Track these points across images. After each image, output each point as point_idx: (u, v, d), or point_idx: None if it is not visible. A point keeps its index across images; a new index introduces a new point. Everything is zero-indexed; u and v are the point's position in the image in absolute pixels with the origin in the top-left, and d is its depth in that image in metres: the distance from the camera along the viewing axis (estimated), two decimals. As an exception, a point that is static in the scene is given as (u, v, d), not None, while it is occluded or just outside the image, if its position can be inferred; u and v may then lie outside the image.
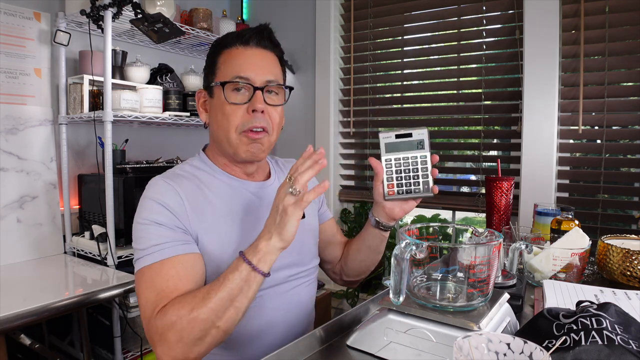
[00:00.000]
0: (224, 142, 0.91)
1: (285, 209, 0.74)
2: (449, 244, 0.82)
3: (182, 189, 0.87)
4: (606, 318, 0.62)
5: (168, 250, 0.81)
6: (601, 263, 1.10)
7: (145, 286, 0.80)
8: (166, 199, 0.85)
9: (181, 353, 0.73)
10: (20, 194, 1.76)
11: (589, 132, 1.74)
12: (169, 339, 0.73)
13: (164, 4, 1.92)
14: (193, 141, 2.43)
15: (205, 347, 0.75)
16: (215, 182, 0.93)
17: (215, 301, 0.73)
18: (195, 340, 0.73)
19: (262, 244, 0.75)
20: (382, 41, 2.22)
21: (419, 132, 0.85)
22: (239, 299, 0.75)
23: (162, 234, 0.82)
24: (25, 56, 1.80)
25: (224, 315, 0.74)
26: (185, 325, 0.73)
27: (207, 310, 0.73)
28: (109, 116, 1.67)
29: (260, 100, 0.88)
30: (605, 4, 1.66)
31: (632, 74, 1.65)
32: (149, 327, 0.77)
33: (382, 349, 0.72)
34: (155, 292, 0.78)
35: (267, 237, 0.75)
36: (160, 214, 0.83)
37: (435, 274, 0.77)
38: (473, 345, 0.51)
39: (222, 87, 0.88)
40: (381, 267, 2.25)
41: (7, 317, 1.21)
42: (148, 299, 0.78)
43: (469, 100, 2.01)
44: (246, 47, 0.91)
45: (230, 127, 0.88)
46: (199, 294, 0.76)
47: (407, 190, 0.86)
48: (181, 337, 0.73)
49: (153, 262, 0.80)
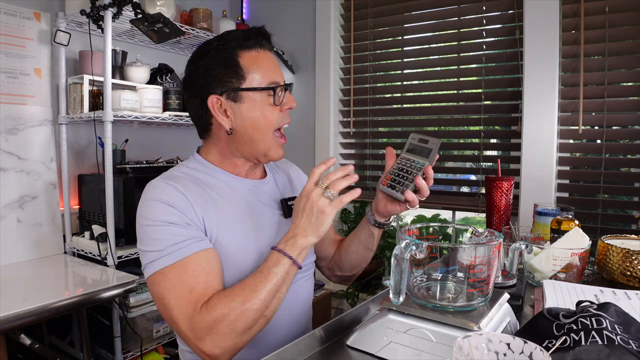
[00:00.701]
0: (257, 144, 0.94)
1: (322, 210, 0.82)
2: (449, 244, 0.82)
3: (184, 189, 0.88)
4: (606, 318, 0.62)
5: (188, 247, 0.83)
6: (601, 263, 1.10)
7: (172, 285, 0.81)
8: (172, 199, 0.86)
9: (232, 343, 0.78)
10: (21, 194, 1.76)
11: (589, 132, 1.74)
12: (221, 330, 0.77)
13: (164, 4, 1.92)
14: (193, 141, 2.42)
15: (252, 336, 0.81)
16: (214, 181, 0.95)
17: (265, 292, 0.80)
18: (246, 330, 0.79)
19: (300, 240, 0.83)
20: (382, 41, 2.22)
21: (432, 142, 0.89)
22: (282, 289, 0.82)
23: (177, 232, 0.84)
24: (26, 56, 1.80)
25: (270, 304, 0.81)
26: (238, 316, 0.78)
27: (259, 301, 0.79)
28: (109, 116, 1.67)
29: (293, 99, 0.97)
30: (605, 4, 1.66)
31: (632, 74, 1.66)
32: (193, 322, 0.78)
33: (382, 349, 0.72)
34: (187, 290, 0.80)
35: (304, 235, 0.83)
36: (171, 214, 0.84)
37: (435, 274, 0.77)
38: (473, 345, 0.51)
39: (274, 90, 0.92)
40: (381, 267, 2.25)
41: (7, 317, 1.21)
42: (181, 298, 0.80)
43: (469, 100, 2.01)
44: (264, 50, 0.95)
45: (269, 127, 0.94)
46: (245, 287, 0.80)
47: (391, 186, 0.89)
48: (234, 327, 0.77)
49: (175, 261, 0.82)
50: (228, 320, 0.77)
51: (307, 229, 0.83)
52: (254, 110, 0.92)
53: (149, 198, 0.87)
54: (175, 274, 0.81)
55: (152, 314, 1.79)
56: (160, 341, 1.82)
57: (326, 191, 0.82)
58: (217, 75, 0.91)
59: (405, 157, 0.91)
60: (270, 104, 0.92)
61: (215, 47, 0.92)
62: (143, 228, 0.85)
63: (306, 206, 0.83)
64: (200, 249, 0.84)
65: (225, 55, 0.91)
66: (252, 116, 0.92)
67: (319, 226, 0.82)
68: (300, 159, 2.43)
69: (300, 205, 0.84)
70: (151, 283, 0.84)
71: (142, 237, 0.86)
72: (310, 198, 0.82)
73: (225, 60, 0.91)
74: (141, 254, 0.86)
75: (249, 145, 0.94)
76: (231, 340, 0.78)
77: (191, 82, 0.95)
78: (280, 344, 0.92)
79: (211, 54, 0.92)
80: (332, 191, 0.82)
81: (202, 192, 0.90)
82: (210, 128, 0.96)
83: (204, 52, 0.93)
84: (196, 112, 0.96)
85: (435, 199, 2.12)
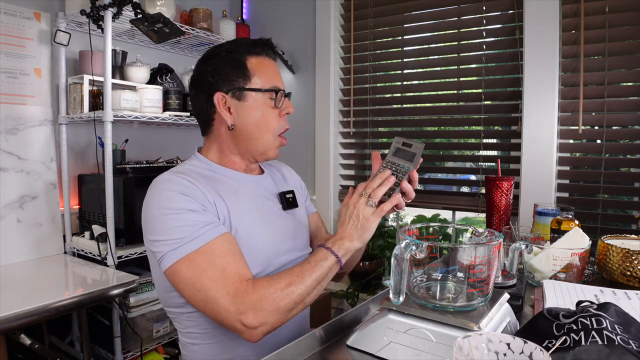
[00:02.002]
0: (256, 142, 1.00)
1: (367, 218, 0.88)
2: (449, 244, 0.82)
3: (195, 180, 0.92)
4: (606, 318, 0.62)
5: (211, 232, 0.87)
6: (601, 263, 1.10)
7: (202, 269, 0.84)
8: (186, 189, 0.90)
9: (273, 320, 0.83)
10: (21, 194, 1.76)
11: (589, 132, 1.74)
12: (265, 307, 0.82)
13: (164, 4, 1.92)
14: (193, 141, 2.43)
15: (290, 317, 0.86)
16: (218, 176, 1.00)
17: (309, 280, 0.85)
18: (288, 310, 0.84)
19: (347, 244, 0.88)
20: (382, 41, 2.22)
21: (415, 146, 0.89)
22: (323, 282, 0.88)
23: (198, 219, 0.87)
24: (25, 56, 1.80)
25: (311, 293, 0.86)
26: (283, 297, 0.83)
27: (303, 287, 0.85)
28: (109, 116, 1.67)
29: (291, 105, 1.04)
30: (605, 4, 1.66)
31: (632, 74, 1.65)
32: (235, 299, 0.82)
33: (382, 349, 0.72)
34: (220, 270, 0.84)
35: (350, 239, 0.88)
36: (188, 202, 0.88)
37: (435, 274, 0.78)
38: (473, 345, 0.51)
39: (275, 94, 0.99)
40: (381, 267, 2.25)
41: (7, 317, 1.21)
42: (215, 278, 0.84)
43: (469, 100, 2.01)
44: (266, 58, 1.02)
45: (270, 129, 1.00)
46: (293, 272, 0.86)
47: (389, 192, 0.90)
48: (278, 306, 0.82)
49: (200, 246, 0.85)
50: (273, 298, 0.82)
51: (354, 234, 0.88)
52: (256, 110, 0.99)
53: (162, 189, 0.90)
54: (203, 258, 0.85)
55: (152, 314, 1.79)
56: (160, 341, 1.82)
57: (369, 200, 0.87)
58: (225, 74, 0.97)
59: (391, 160, 0.91)
60: (271, 106, 0.99)
61: (226, 49, 0.99)
62: (160, 218, 0.87)
63: (353, 214, 0.89)
64: (221, 233, 0.88)
65: (234, 57, 0.98)
66: (253, 115, 0.99)
67: (364, 232, 0.88)
68: (300, 159, 2.43)
69: (348, 213, 0.90)
70: (176, 270, 0.85)
71: (158, 227, 0.87)
72: (356, 207, 0.88)
73: (234, 61, 0.98)
74: (157, 244, 0.87)
75: (247, 142, 1.00)
76: (273, 317, 0.83)
77: (199, 80, 1.01)
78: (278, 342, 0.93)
79: (221, 55, 0.99)
80: (374, 199, 0.88)
81: (211, 184, 0.94)
82: (212, 124, 1.01)
83: (214, 53, 1.00)
84: (201, 107, 1.01)
85: (435, 199, 2.12)
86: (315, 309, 1.13)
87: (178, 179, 0.91)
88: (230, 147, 1.02)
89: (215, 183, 0.96)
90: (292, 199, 1.09)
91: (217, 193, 0.94)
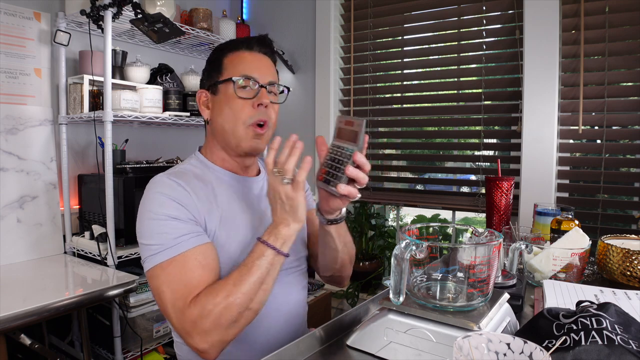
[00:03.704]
0: (229, 135, 0.98)
1: (288, 196, 0.82)
2: (449, 244, 0.82)
3: (188, 184, 0.92)
4: (606, 318, 0.62)
5: (188, 242, 0.86)
6: (601, 263, 1.10)
7: (170, 279, 0.84)
8: (176, 193, 0.89)
9: (218, 337, 0.80)
10: (21, 194, 1.76)
11: (589, 132, 1.74)
12: (205, 326, 0.79)
13: (164, 4, 1.92)
14: (193, 141, 2.43)
15: (239, 329, 0.82)
16: (214, 179, 1.00)
17: (247, 286, 0.81)
18: (231, 323, 0.80)
19: (283, 230, 0.84)
20: (382, 41, 2.22)
21: (357, 124, 0.78)
22: (267, 281, 0.83)
23: (178, 227, 0.87)
24: (26, 56, 1.80)
25: (255, 297, 0.82)
26: (222, 312, 0.79)
27: (241, 295, 0.80)
28: (109, 116, 1.67)
29: (266, 96, 0.98)
30: (605, 4, 1.66)
31: (632, 74, 1.66)
32: (182, 317, 0.81)
33: (382, 349, 0.72)
34: (182, 284, 0.83)
35: (285, 223, 0.84)
36: (174, 208, 0.88)
37: (435, 274, 0.77)
38: (473, 345, 0.51)
39: (233, 84, 0.96)
40: (381, 267, 2.25)
41: (7, 317, 1.21)
42: (176, 291, 0.82)
43: (469, 100, 2.02)
44: (251, 52, 1.01)
45: (238, 120, 0.96)
46: (229, 280, 0.82)
47: (327, 181, 0.81)
48: (219, 322, 0.79)
49: (175, 255, 0.84)
50: (213, 315, 0.79)
51: (286, 217, 0.84)
52: (226, 102, 0.98)
53: (153, 191, 0.90)
54: (174, 268, 0.84)
55: (152, 314, 1.79)
56: (160, 341, 1.82)
57: (283, 178, 0.82)
58: (207, 72, 1.03)
59: (335, 144, 0.82)
60: (241, 96, 0.96)
61: (215, 48, 1.04)
62: (146, 222, 0.88)
63: (275, 197, 0.84)
64: (198, 244, 0.87)
65: (215, 55, 1.02)
66: (224, 107, 0.98)
67: (295, 211, 0.83)
68: (300, 159, 2.43)
69: (271, 198, 0.86)
70: (151, 276, 0.86)
71: (144, 231, 0.87)
72: (274, 188, 0.84)
73: (215, 59, 1.02)
74: (142, 247, 0.88)
75: (222, 135, 0.99)
76: (217, 335, 0.79)
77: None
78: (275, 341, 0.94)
79: (210, 55, 1.04)
80: (287, 175, 0.82)
81: (203, 187, 0.94)
82: (204, 122, 1.07)
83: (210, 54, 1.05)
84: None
85: (435, 199, 2.12)
86: (315, 309, 1.13)
87: (170, 181, 0.91)
88: (214, 143, 1.02)
89: (208, 185, 0.96)
90: None
91: (208, 198, 0.93)
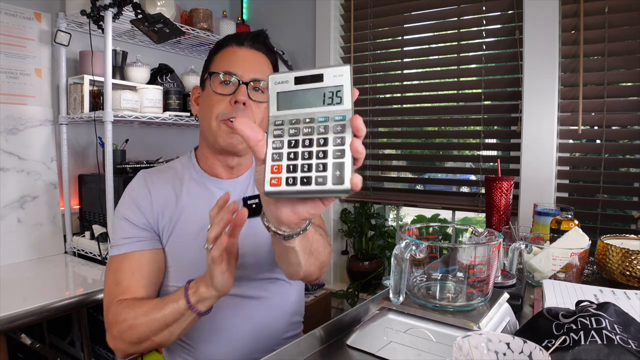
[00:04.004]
0: (206, 130, 0.96)
1: (207, 263, 0.73)
2: (448, 244, 0.82)
3: (154, 183, 0.95)
4: (605, 318, 0.62)
5: (129, 245, 0.91)
6: (600, 263, 1.10)
7: (109, 274, 0.91)
8: (137, 194, 0.94)
9: (122, 346, 0.84)
10: (21, 194, 1.76)
11: (589, 132, 1.74)
12: (114, 332, 0.84)
13: (164, 4, 1.93)
14: (193, 141, 2.43)
15: (141, 349, 0.84)
16: (188, 179, 0.99)
17: (151, 320, 0.80)
18: (132, 343, 0.82)
19: (202, 289, 0.77)
20: (382, 41, 2.22)
21: (336, 72, 0.50)
22: (174, 325, 0.80)
23: (127, 229, 0.92)
24: (26, 56, 1.80)
25: (158, 333, 0.81)
26: (127, 329, 0.82)
27: (144, 325, 0.81)
28: (109, 116, 1.67)
29: (244, 93, 0.92)
30: (604, 5, 1.66)
31: (631, 74, 1.66)
32: (107, 312, 0.87)
33: (382, 349, 0.72)
34: (115, 283, 0.88)
35: (207, 284, 0.75)
36: (130, 210, 0.93)
37: (435, 274, 0.78)
38: (473, 344, 0.52)
39: (210, 78, 0.94)
40: (381, 267, 2.25)
41: (7, 316, 1.22)
42: (109, 288, 0.89)
43: (468, 100, 2.02)
44: (240, 47, 0.97)
45: (212, 115, 0.93)
46: (146, 305, 0.83)
47: (304, 180, 0.47)
48: (123, 336, 0.83)
49: (117, 254, 0.91)
50: (121, 327, 0.82)
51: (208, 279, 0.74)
52: (205, 97, 0.97)
53: (127, 188, 0.96)
54: (114, 265, 0.90)
55: (152, 314, 1.79)
56: (161, 341, 1.82)
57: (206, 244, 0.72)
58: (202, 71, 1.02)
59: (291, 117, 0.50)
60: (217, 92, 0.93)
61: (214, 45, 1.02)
62: (114, 218, 0.96)
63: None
64: (138, 249, 0.91)
65: (211, 51, 1.01)
66: (203, 102, 0.98)
67: (212, 278, 0.73)
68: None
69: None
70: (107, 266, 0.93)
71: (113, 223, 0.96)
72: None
73: (209, 54, 1.01)
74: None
75: (203, 132, 0.98)
76: (121, 344, 0.83)
77: None
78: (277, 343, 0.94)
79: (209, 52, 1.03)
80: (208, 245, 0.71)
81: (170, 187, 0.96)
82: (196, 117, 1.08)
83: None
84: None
85: (435, 199, 2.12)
86: (315, 308, 1.12)
87: (141, 180, 0.96)
88: (202, 141, 1.01)
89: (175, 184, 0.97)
90: (257, 206, 0.95)
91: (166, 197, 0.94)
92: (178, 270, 0.94)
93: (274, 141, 0.50)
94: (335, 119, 0.49)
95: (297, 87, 0.51)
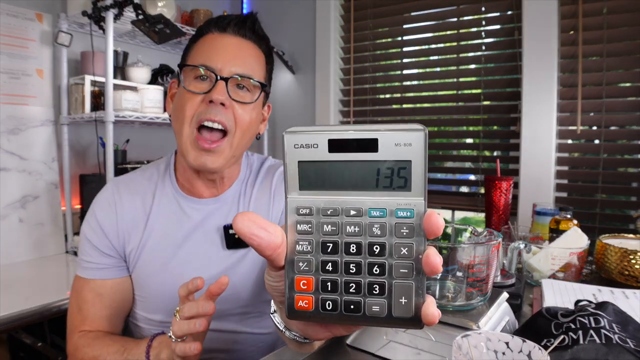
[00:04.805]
0: (177, 137, 0.80)
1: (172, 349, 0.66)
2: (448, 243, 0.83)
3: (122, 205, 0.83)
4: (604, 317, 0.63)
5: (91, 272, 0.83)
6: (599, 262, 1.11)
7: (72, 294, 0.86)
8: (102, 215, 0.83)
9: None
10: (22, 194, 1.77)
11: (588, 133, 1.75)
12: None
13: (165, 5, 1.93)
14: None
15: None
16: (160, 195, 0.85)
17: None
18: None
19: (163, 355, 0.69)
20: (382, 41, 2.22)
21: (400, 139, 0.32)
22: None
23: (90, 252, 0.84)
24: (27, 57, 1.80)
25: None
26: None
27: None
28: (110, 116, 1.68)
29: (222, 92, 0.75)
30: (603, 5, 1.66)
31: (630, 74, 1.66)
32: (69, 337, 0.83)
33: (381, 348, 0.73)
34: (77, 308, 0.83)
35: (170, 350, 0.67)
36: (93, 233, 0.84)
37: (435, 274, 0.78)
38: (472, 344, 0.52)
39: (180, 73, 0.78)
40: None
41: (9, 316, 1.22)
42: (72, 311, 0.85)
43: (468, 100, 2.02)
44: (222, 34, 0.80)
45: (185, 118, 0.76)
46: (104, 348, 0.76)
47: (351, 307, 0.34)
48: None
49: (79, 276, 0.85)
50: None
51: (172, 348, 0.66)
52: (178, 95, 0.80)
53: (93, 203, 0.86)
54: (77, 286, 0.85)
55: (153, 314, 1.80)
56: (162, 340, 1.82)
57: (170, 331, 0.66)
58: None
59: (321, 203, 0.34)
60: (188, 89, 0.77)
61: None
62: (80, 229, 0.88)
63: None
64: (99, 278, 0.83)
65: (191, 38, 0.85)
66: (175, 101, 0.81)
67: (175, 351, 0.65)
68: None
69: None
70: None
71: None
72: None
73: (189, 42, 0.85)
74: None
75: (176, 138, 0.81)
76: None
77: None
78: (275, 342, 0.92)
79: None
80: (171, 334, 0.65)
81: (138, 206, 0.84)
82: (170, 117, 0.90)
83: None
84: None
85: (435, 198, 2.12)
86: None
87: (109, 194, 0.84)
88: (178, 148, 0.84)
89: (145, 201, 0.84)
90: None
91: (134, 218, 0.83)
92: (145, 301, 0.85)
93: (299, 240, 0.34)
94: (398, 214, 0.33)
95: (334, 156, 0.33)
